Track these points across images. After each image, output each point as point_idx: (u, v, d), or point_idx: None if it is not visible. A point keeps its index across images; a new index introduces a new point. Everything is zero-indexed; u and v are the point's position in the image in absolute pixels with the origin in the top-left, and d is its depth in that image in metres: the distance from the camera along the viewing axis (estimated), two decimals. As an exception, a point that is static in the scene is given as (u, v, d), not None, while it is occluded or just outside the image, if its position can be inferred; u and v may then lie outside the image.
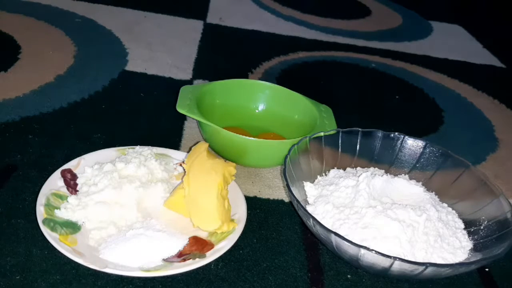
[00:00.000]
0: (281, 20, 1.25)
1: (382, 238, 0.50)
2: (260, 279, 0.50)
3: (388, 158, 0.65)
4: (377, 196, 0.56)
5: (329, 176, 0.62)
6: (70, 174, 0.56)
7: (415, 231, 0.51)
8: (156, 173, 0.58)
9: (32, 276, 0.46)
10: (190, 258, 0.49)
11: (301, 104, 0.72)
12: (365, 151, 0.65)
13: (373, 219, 0.51)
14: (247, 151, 0.63)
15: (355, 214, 0.53)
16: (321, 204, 0.55)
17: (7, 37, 0.88)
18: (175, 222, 0.54)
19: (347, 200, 0.55)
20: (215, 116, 0.68)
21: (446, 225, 0.54)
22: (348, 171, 0.63)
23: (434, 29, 1.40)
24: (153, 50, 0.95)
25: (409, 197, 0.57)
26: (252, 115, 0.75)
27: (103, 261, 0.47)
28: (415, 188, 0.58)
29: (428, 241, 0.51)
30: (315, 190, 0.59)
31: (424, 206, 0.54)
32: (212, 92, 0.72)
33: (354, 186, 0.56)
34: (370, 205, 0.54)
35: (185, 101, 0.65)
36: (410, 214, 0.52)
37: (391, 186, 0.58)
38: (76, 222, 0.51)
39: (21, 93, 0.73)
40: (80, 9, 1.05)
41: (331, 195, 0.57)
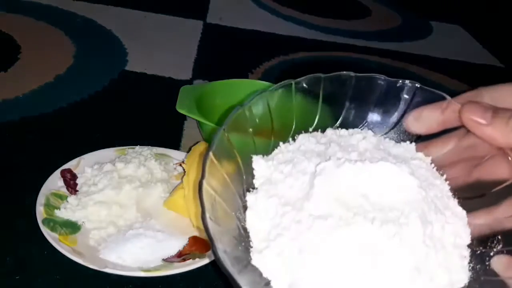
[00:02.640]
0: (281, 20, 1.25)
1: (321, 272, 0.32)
2: (260, 279, 0.50)
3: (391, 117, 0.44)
4: (339, 196, 0.36)
5: (295, 144, 0.42)
6: (70, 174, 0.56)
7: (376, 263, 0.32)
8: (156, 173, 0.58)
9: (32, 276, 0.46)
10: (190, 258, 0.49)
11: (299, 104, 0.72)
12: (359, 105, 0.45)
13: (314, 239, 0.33)
14: None
15: (297, 225, 0.34)
16: (264, 196, 0.37)
17: (7, 37, 0.88)
18: (174, 222, 0.54)
19: (297, 196, 0.36)
20: (215, 116, 0.68)
21: (435, 246, 0.34)
22: (324, 139, 0.42)
23: (434, 29, 1.40)
24: (153, 50, 0.95)
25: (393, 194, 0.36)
26: None
27: (103, 261, 0.47)
28: (405, 179, 0.37)
29: (396, 276, 0.33)
30: (266, 169, 0.39)
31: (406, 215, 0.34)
32: (212, 92, 0.72)
33: (311, 175, 0.37)
34: (324, 212, 0.34)
35: (185, 101, 0.65)
36: (374, 236, 0.33)
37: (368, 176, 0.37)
38: (76, 222, 0.51)
39: (21, 93, 0.73)
40: (80, 9, 1.05)
41: (281, 182, 0.38)
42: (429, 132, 0.39)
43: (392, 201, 0.36)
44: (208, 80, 0.85)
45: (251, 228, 0.35)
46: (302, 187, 0.37)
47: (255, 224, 0.36)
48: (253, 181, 0.39)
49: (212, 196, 0.33)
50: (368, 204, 0.35)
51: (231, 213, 0.35)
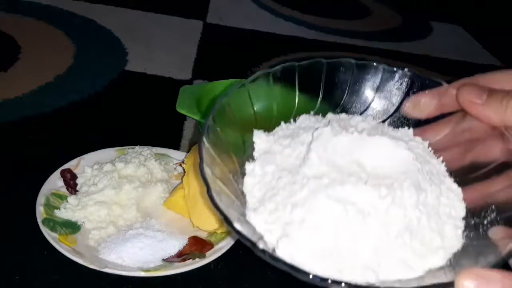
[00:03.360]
0: (281, 20, 1.25)
1: (312, 226, 0.33)
2: (260, 279, 0.50)
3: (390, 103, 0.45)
4: (335, 161, 0.37)
5: (296, 124, 0.44)
6: (69, 174, 0.56)
7: (366, 221, 0.33)
8: (156, 173, 0.58)
9: (32, 276, 0.46)
10: (190, 258, 0.49)
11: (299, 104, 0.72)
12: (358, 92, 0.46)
13: (308, 196, 0.34)
14: None
15: (292, 185, 0.36)
16: (263, 163, 0.39)
17: (7, 37, 0.88)
18: (174, 222, 0.54)
19: (294, 162, 0.38)
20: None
21: (429, 213, 0.35)
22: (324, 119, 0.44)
23: (434, 29, 1.40)
24: (153, 50, 0.95)
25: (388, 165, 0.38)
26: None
27: (103, 261, 0.47)
28: (401, 152, 0.38)
29: (385, 236, 0.34)
30: (266, 143, 0.41)
31: (400, 182, 0.36)
32: (212, 92, 0.71)
33: (309, 144, 0.39)
34: (318, 173, 0.36)
35: (185, 101, 0.64)
36: (366, 194, 0.34)
37: (364, 146, 0.38)
38: (75, 222, 0.51)
39: (21, 93, 0.73)
40: (80, 9, 1.05)
41: (280, 153, 0.40)
42: (427, 117, 0.41)
43: (386, 171, 0.37)
44: (208, 80, 0.85)
45: (248, 192, 0.36)
46: (300, 156, 0.38)
47: (252, 188, 0.37)
48: (253, 153, 0.40)
49: (211, 155, 0.35)
50: (362, 172, 0.36)
51: (229, 175, 0.36)
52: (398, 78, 0.45)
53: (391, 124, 0.44)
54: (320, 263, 0.32)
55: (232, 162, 0.38)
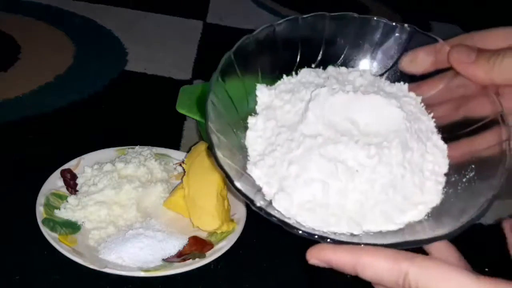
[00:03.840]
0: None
1: (305, 181, 0.36)
2: (260, 279, 0.50)
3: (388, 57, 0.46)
4: (330, 120, 0.40)
5: (297, 77, 0.45)
6: (69, 174, 0.56)
7: (354, 178, 0.36)
8: (156, 173, 0.58)
9: (32, 276, 0.46)
10: (189, 258, 0.49)
11: None
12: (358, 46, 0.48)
13: (303, 153, 0.37)
14: None
15: (289, 142, 0.38)
16: (263, 118, 0.41)
17: (7, 37, 0.88)
18: (174, 222, 0.54)
19: (293, 119, 0.41)
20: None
21: (413, 170, 0.38)
22: (324, 73, 0.46)
23: (434, 29, 1.40)
24: (153, 50, 0.95)
25: (379, 123, 0.40)
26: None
27: (103, 261, 0.47)
28: (392, 110, 0.41)
29: (370, 191, 0.36)
30: (268, 97, 0.43)
31: (389, 140, 0.38)
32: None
33: (307, 102, 0.41)
34: (314, 132, 0.39)
35: (185, 101, 0.65)
36: (356, 153, 0.37)
37: (358, 105, 0.41)
38: (75, 222, 0.51)
39: (21, 93, 0.73)
40: (80, 9, 1.05)
41: (281, 108, 0.42)
42: (423, 73, 0.42)
43: (378, 129, 0.39)
44: (208, 80, 0.85)
45: (249, 146, 0.39)
46: (298, 112, 0.41)
47: (253, 142, 0.40)
48: (255, 107, 0.43)
49: (216, 108, 0.38)
50: (355, 130, 0.39)
51: (232, 129, 0.39)
52: (397, 33, 0.46)
53: (388, 78, 0.46)
54: (311, 216, 0.35)
55: (236, 116, 0.40)
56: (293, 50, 0.47)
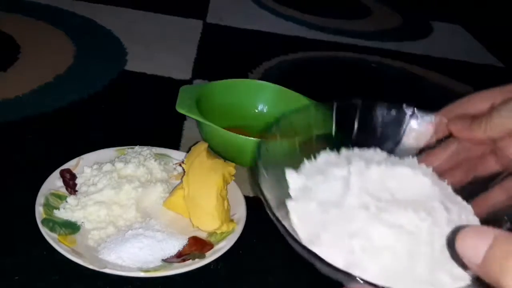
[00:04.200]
0: (281, 20, 1.25)
1: (374, 251, 0.40)
2: (260, 279, 0.50)
3: (393, 137, 0.52)
4: (373, 191, 0.44)
5: (318, 161, 0.49)
6: (69, 174, 0.56)
7: (416, 240, 0.40)
8: (156, 173, 0.58)
9: (31, 276, 0.46)
10: (189, 259, 0.49)
11: (300, 104, 0.72)
12: (366, 128, 0.52)
13: (363, 224, 0.41)
14: (246, 151, 0.63)
15: (342, 217, 0.42)
16: (303, 201, 0.44)
17: (7, 36, 0.88)
18: (174, 222, 0.54)
19: (334, 196, 0.44)
20: (215, 116, 0.67)
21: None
22: (343, 155, 0.50)
23: (434, 29, 1.40)
24: (153, 50, 0.95)
25: (414, 191, 0.45)
26: (251, 115, 0.75)
27: (102, 262, 0.47)
28: (421, 179, 0.46)
29: (433, 253, 0.40)
30: (299, 180, 0.47)
31: (431, 204, 0.43)
32: (211, 92, 0.72)
33: (344, 178, 0.45)
34: (363, 203, 0.43)
35: (185, 101, 0.65)
36: (410, 217, 0.41)
37: (391, 176, 0.46)
38: (75, 222, 0.51)
39: (21, 93, 0.73)
40: (80, 9, 1.05)
41: (317, 189, 0.45)
42: (426, 146, 0.49)
43: (412, 196, 0.44)
44: (208, 80, 0.85)
45: (298, 229, 0.40)
46: (336, 190, 0.43)
47: (300, 224, 0.41)
48: (288, 191, 0.45)
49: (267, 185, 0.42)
50: (394, 198, 0.43)
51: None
52: (399, 113, 0.52)
53: (397, 154, 0.51)
54: (388, 284, 0.36)
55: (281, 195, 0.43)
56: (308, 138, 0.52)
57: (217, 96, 0.72)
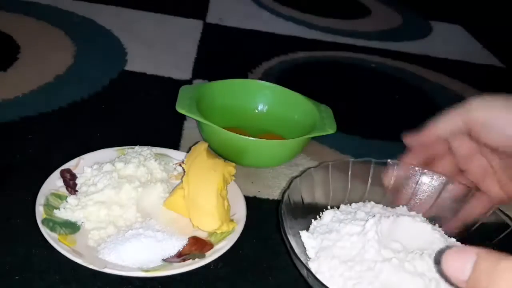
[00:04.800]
0: (281, 20, 1.25)
1: None
2: (260, 279, 0.50)
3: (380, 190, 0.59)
4: (386, 243, 0.48)
5: (324, 219, 0.54)
6: (69, 174, 0.56)
7: (439, 285, 0.44)
8: (156, 173, 0.58)
9: (31, 276, 0.46)
10: (189, 258, 0.49)
11: (301, 104, 0.72)
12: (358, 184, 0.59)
13: (390, 276, 0.44)
14: (246, 151, 0.63)
15: (368, 271, 0.45)
16: (325, 260, 0.47)
17: (7, 36, 0.88)
18: (174, 222, 0.54)
19: (354, 252, 0.48)
20: (215, 116, 0.67)
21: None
22: (345, 211, 0.56)
23: (434, 29, 1.40)
24: (153, 50, 0.95)
25: (418, 238, 0.50)
26: (251, 115, 0.75)
27: (103, 261, 0.47)
28: (422, 226, 0.51)
29: None
30: (313, 240, 0.51)
31: (438, 248, 0.49)
32: (211, 92, 0.72)
33: (359, 234, 0.49)
34: (382, 256, 0.46)
35: (185, 101, 0.64)
36: (429, 265, 0.46)
37: (397, 226, 0.51)
38: (75, 222, 0.51)
39: (21, 93, 0.73)
40: (80, 9, 1.05)
41: (334, 246, 0.49)
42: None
43: (419, 243, 0.49)
44: (208, 80, 0.85)
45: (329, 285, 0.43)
46: (354, 246, 0.48)
47: (328, 281, 0.45)
48: (306, 252, 0.50)
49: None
50: (403, 247, 0.48)
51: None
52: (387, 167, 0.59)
53: (387, 205, 0.58)
54: None
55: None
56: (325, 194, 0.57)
57: (217, 96, 0.72)
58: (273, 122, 0.74)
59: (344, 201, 0.58)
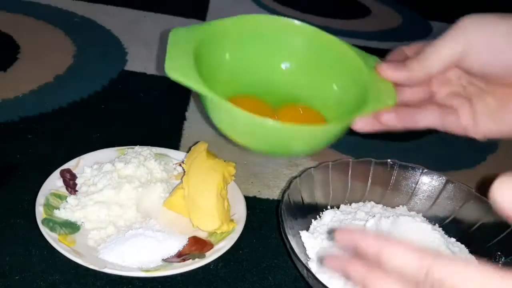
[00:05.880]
0: (281, 20, 1.25)
1: None
2: (260, 279, 0.50)
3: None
4: None
5: (324, 219, 0.55)
6: (69, 174, 0.56)
7: None
8: (156, 173, 0.58)
9: (31, 276, 0.46)
10: (189, 258, 0.49)
11: (346, 61, 0.50)
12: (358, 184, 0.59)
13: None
14: (271, 136, 0.42)
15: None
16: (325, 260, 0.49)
17: (6, 36, 0.88)
18: (174, 222, 0.54)
19: None
20: (223, 78, 0.47)
21: None
22: (345, 211, 0.56)
23: (434, 29, 1.40)
24: (153, 50, 0.95)
25: (419, 238, 0.51)
26: (274, 75, 0.50)
27: (102, 261, 0.47)
28: (422, 226, 0.52)
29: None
30: (313, 240, 0.51)
31: (438, 249, 0.49)
32: (217, 37, 0.47)
33: None
34: None
35: (178, 57, 0.42)
36: None
37: (398, 226, 0.51)
38: (75, 222, 0.51)
39: (21, 93, 0.73)
40: (80, 9, 1.05)
41: (334, 246, 0.50)
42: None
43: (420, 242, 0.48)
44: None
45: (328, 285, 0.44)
46: None
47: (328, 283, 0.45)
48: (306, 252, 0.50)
49: None
50: None
51: None
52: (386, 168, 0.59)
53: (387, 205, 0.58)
54: None
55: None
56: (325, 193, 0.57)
57: (226, 44, 0.48)
58: (304, 85, 0.50)
59: (344, 201, 0.58)
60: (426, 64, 0.42)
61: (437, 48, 0.42)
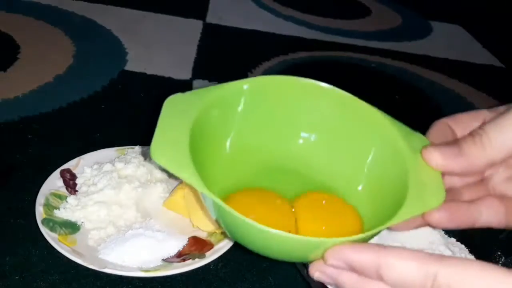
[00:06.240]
0: (281, 20, 1.25)
1: None
2: (260, 279, 0.50)
3: None
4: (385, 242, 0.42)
5: None
6: (69, 174, 0.56)
7: None
8: (156, 173, 0.58)
9: (31, 276, 0.46)
10: (189, 258, 0.49)
11: (384, 139, 0.40)
12: None
13: None
14: (286, 250, 0.35)
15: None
16: None
17: (6, 36, 0.88)
18: (174, 222, 0.54)
19: None
20: (226, 164, 0.38)
21: None
22: None
23: (434, 29, 1.40)
24: (153, 50, 0.95)
25: (418, 238, 0.50)
26: (290, 149, 0.41)
27: (103, 261, 0.47)
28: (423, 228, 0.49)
29: None
30: None
31: (438, 249, 0.50)
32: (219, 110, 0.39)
33: None
34: None
35: (169, 138, 0.35)
36: None
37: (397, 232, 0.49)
38: (75, 222, 0.51)
39: (20, 93, 0.73)
40: (80, 9, 1.05)
41: None
42: None
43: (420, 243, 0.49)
44: (208, 81, 0.85)
45: None
46: None
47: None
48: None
49: None
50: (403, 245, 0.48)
51: None
52: None
53: None
54: None
55: None
56: None
57: (229, 118, 0.40)
58: (326, 163, 0.40)
59: None
60: (489, 152, 0.31)
61: (503, 128, 0.31)
